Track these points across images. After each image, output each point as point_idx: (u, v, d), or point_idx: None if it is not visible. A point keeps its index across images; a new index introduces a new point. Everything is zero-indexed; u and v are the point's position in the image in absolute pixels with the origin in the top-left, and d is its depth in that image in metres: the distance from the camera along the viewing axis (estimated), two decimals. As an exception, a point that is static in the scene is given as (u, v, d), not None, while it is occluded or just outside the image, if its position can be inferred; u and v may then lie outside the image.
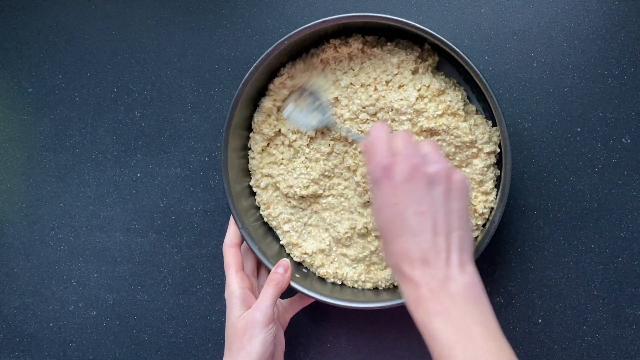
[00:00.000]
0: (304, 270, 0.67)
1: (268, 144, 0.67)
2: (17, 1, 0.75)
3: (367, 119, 0.62)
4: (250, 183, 0.67)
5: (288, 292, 0.63)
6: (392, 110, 0.61)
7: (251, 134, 0.67)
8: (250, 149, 0.67)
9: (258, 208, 0.68)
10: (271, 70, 0.64)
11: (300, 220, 0.67)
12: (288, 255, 0.67)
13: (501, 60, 0.67)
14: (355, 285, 0.66)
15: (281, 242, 0.67)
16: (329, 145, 0.64)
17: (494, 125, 0.63)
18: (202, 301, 0.71)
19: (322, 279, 0.67)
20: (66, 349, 0.73)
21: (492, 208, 0.62)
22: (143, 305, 0.72)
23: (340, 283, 0.66)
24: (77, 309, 0.73)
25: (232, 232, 0.64)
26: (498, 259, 0.67)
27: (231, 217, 0.64)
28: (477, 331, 0.46)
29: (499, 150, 0.62)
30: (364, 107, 0.62)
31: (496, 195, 0.63)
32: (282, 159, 0.66)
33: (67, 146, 0.74)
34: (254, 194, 0.68)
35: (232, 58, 0.71)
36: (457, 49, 0.58)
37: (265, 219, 0.68)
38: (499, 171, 0.63)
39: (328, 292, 0.64)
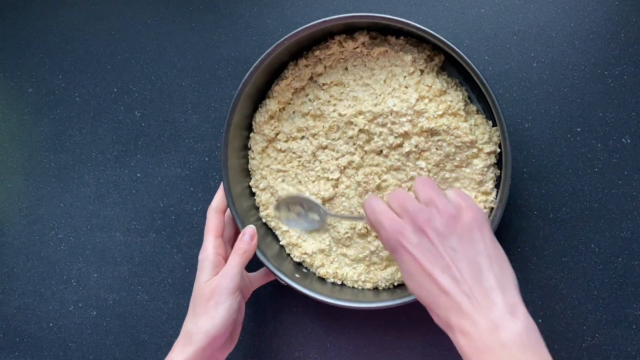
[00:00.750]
0: (304, 270, 0.67)
1: (267, 146, 0.67)
2: (17, 1, 0.75)
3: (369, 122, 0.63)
4: (250, 183, 0.67)
5: (255, 266, 0.64)
6: (391, 113, 0.61)
7: (251, 134, 0.67)
8: (250, 149, 0.67)
9: (258, 208, 0.68)
10: (271, 70, 0.64)
11: (300, 221, 0.67)
12: (288, 255, 0.67)
13: (501, 60, 0.67)
14: (355, 285, 0.66)
15: (281, 243, 0.67)
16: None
17: (494, 125, 0.63)
18: (202, 301, 0.71)
19: (322, 279, 0.67)
20: (66, 349, 0.73)
21: (492, 208, 0.62)
22: (143, 305, 0.72)
23: (340, 283, 0.66)
24: (77, 309, 0.73)
25: (219, 198, 0.64)
26: (498, 259, 0.67)
27: (221, 185, 0.64)
28: None
29: (499, 150, 0.62)
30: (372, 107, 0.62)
31: (496, 195, 0.63)
32: (284, 163, 0.66)
33: (67, 146, 0.74)
34: (254, 193, 0.68)
35: (232, 58, 0.71)
36: (457, 49, 0.58)
37: (264, 220, 0.68)
38: (499, 171, 0.63)
39: (328, 292, 0.64)
